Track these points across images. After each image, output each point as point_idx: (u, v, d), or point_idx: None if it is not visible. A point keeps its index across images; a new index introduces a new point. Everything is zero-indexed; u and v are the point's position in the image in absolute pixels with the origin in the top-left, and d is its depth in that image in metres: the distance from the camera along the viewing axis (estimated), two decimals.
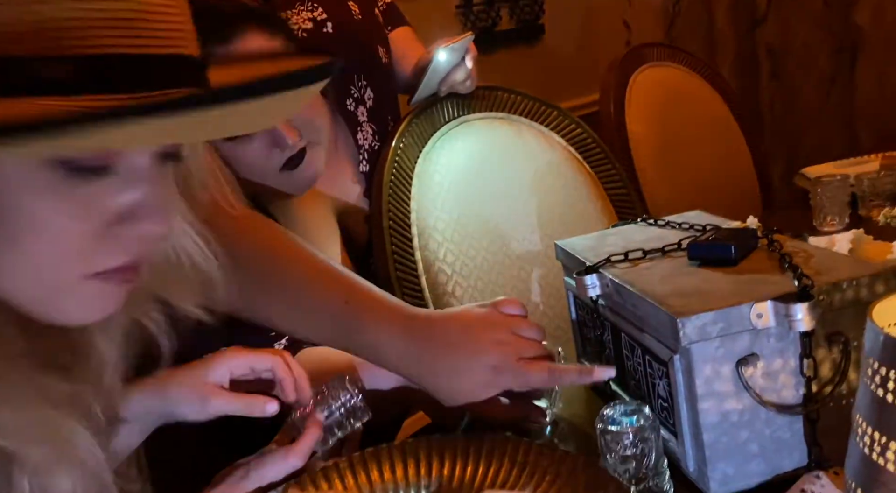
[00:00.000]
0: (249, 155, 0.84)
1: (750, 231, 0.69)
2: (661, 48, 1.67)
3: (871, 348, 0.43)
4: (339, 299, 0.69)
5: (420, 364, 0.67)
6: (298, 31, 1.02)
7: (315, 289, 0.70)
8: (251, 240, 0.74)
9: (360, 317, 0.68)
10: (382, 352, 0.68)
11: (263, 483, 0.62)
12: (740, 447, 0.58)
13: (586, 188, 1.24)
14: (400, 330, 0.67)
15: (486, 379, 0.67)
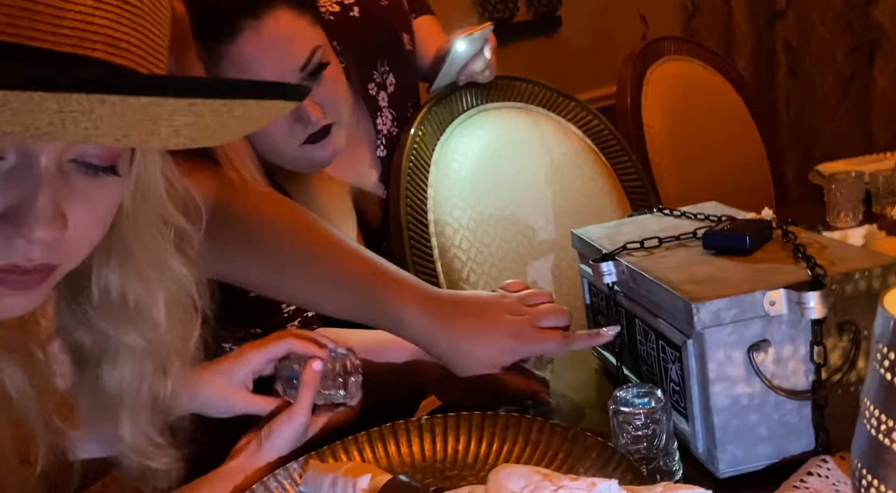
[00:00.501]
0: (273, 128, 0.86)
1: (765, 222, 0.71)
2: (679, 42, 1.67)
3: (882, 334, 0.45)
4: (365, 273, 0.72)
5: (443, 335, 0.70)
6: (326, 13, 1.03)
7: (341, 263, 0.73)
8: (274, 215, 0.77)
9: (386, 290, 0.70)
10: (407, 323, 0.70)
11: (278, 450, 0.64)
12: (749, 430, 0.60)
13: (602, 179, 1.25)
14: (424, 303, 0.70)
15: (508, 347, 0.70)
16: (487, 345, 0.70)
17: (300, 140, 0.88)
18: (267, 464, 0.64)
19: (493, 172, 1.18)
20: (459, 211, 1.14)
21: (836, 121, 2.37)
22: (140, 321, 0.50)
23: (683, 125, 1.57)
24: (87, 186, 0.43)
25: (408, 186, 1.10)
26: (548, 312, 0.72)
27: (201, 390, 0.65)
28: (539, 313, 0.72)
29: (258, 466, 0.63)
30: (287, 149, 0.88)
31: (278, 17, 0.81)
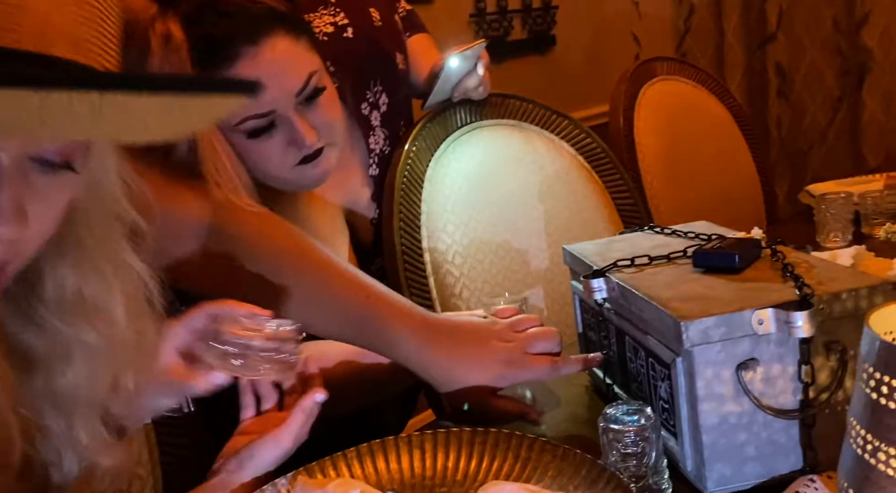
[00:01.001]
0: (267, 150, 0.87)
1: (754, 241, 0.71)
2: (671, 63, 1.69)
3: (868, 354, 0.45)
4: (360, 296, 0.73)
5: (435, 361, 0.71)
6: (320, 34, 1.04)
7: (336, 286, 0.73)
8: (270, 236, 0.77)
9: (380, 314, 0.71)
10: (400, 348, 0.71)
11: (259, 471, 0.62)
12: (738, 448, 0.60)
13: (594, 197, 1.26)
14: (417, 328, 0.71)
15: (498, 373, 0.70)
16: (478, 371, 0.71)
17: (294, 162, 0.88)
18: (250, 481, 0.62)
19: (487, 188, 1.18)
20: (453, 227, 1.14)
21: (826, 142, 2.40)
22: (97, 318, 0.49)
23: (675, 144, 1.59)
24: (46, 183, 0.43)
25: (401, 202, 1.10)
26: (538, 337, 0.73)
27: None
28: (529, 338, 0.73)
29: (239, 482, 0.62)
30: (281, 170, 0.89)
31: (275, 44, 0.82)
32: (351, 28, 1.07)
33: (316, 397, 0.62)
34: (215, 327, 0.61)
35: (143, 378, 0.54)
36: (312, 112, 0.87)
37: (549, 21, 2.43)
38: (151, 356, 0.55)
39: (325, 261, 0.76)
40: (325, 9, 1.07)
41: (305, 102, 0.87)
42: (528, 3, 2.37)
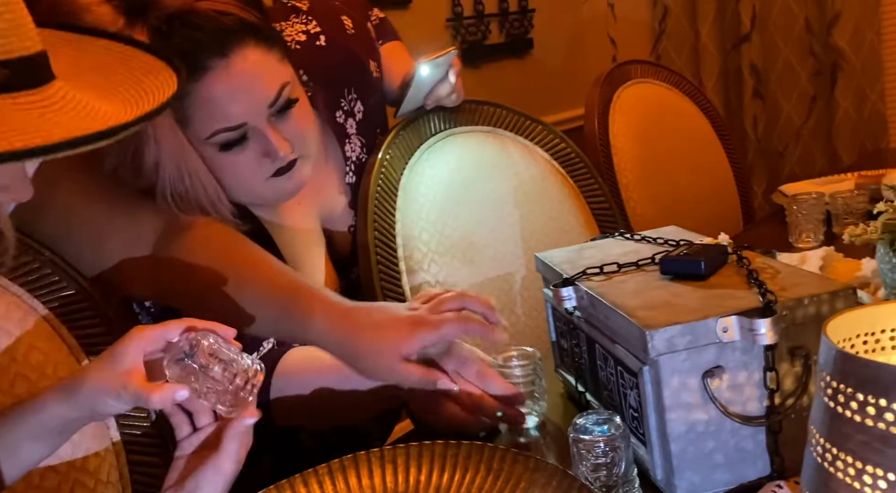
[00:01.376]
0: (240, 163, 0.86)
1: (720, 247, 0.72)
2: (645, 65, 1.70)
3: (825, 363, 0.45)
4: (279, 287, 0.76)
5: (347, 337, 0.74)
6: (292, 43, 1.04)
7: (265, 282, 0.77)
8: (206, 247, 0.79)
9: (298, 303, 0.75)
10: (313, 332, 0.75)
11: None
12: (706, 456, 0.60)
13: (569, 202, 1.26)
14: (329, 312, 0.75)
15: (406, 334, 0.72)
16: (388, 336, 0.73)
17: (267, 174, 0.88)
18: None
19: (461, 195, 1.18)
20: (428, 235, 1.14)
21: (801, 141, 2.42)
22: None
23: (651, 147, 1.59)
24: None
25: (376, 210, 1.10)
26: (448, 299, 0.75)
27: (84, 389, 0.57)
28: (439, 301, 0.75)
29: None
30: (254, 184, 0.88)
31: (246, 55, 0.81)
32: (323, 36, 1.07)
33: (246, 421, 0.60)
34: (187, 343, 0.59)
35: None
36: (285, 124, 0.87)
37: (527, 24, 2.44)
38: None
39: (254, 259, 0.79)
40: (297, 17, 1.07)
41: (278, 114, 0.86)
42: (505, 7, 2.38)
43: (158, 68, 0.53)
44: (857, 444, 0.42)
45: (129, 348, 0.58)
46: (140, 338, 0.58)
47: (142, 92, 0.50)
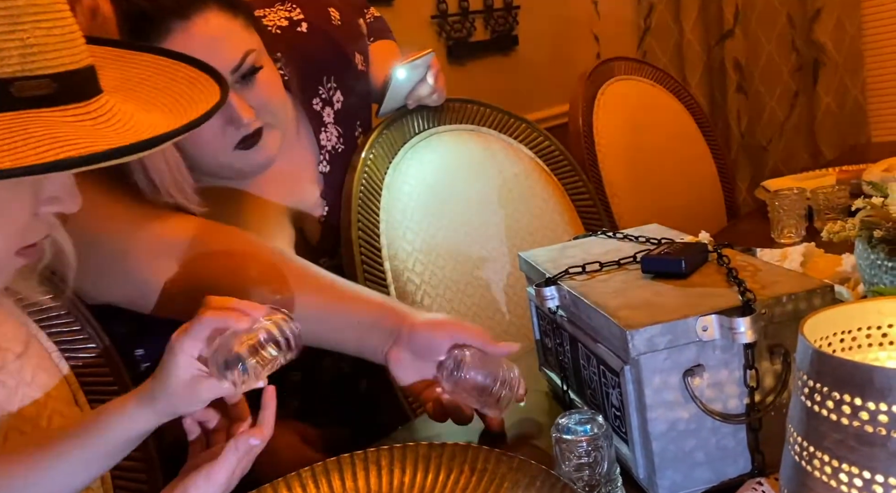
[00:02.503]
0: (202, 130, 0.85)
1: (701, 245, 0.72)
2: (629, 62, 1.70)
3: (802, 362, 0.46)
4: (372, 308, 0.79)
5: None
6: (273, 27, 1.03)
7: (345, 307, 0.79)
8: (241, 254, 0.80)
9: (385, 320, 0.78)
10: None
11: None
12: (687, 454, 0.60)
13: (554, 200, 1.26)
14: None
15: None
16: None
17: (232, 143, 0.87)
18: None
19: (446, 194, 1.18)
20: (412, 234, 1.13)
21: (784, 136, 2.44)
22: None
23: (635, 144, 1.60)
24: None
25: (360, 210, 1.09)
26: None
27: (157, 394, 0.59)
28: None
29: None
30: (219, 154, 0.87)
31: (208, 19, 0.81)
32: (306, 23, 1.06)
33: (250, 441, 0.60)
34: (218, 334, 0.59)
35: None
36: (249, 91, 0.87)
37: (512, 21, 2.44)
38: None
39: (323, 282, 0.81)
40: (282, 5, 1.06)
41: (242, 81, 0.86)
42: (490, 4, 2.38)
43: (201, 79, 0.56)
44: (833, 442, 0.43)
45: (179, 362, 0.58)
46: (182, 349, 0.59)
47: (184, 102, 0.53)
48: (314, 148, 1.07)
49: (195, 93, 0.54)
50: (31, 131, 0.43)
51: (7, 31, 0.42)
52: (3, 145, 0.42)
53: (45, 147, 0.42)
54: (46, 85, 0.44)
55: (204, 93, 0.54)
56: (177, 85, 0.55)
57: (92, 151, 0.43)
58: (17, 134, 0.42)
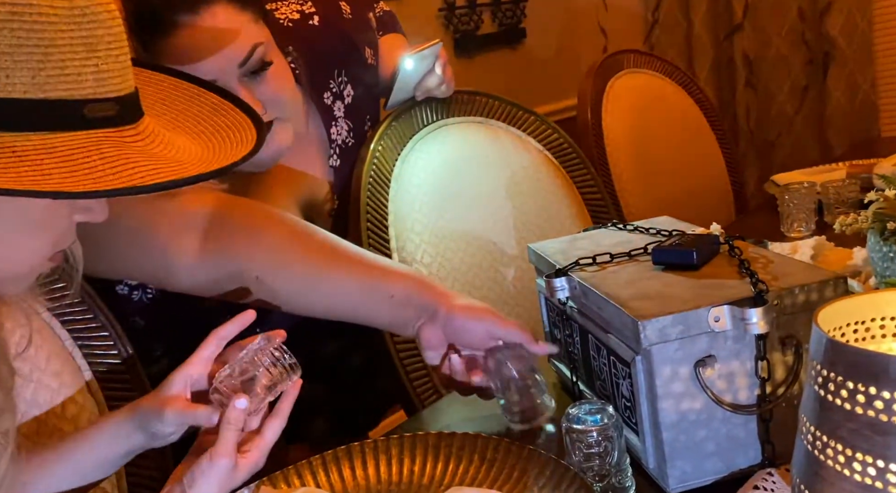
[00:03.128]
0: None
1: (712, 237, 0.72)
2: (638, 55, 1.70)
3: (815, 351, 0.46)
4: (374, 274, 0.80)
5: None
6: (285, 20, 1.03)
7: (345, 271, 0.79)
8: (266, 226, 0.80)
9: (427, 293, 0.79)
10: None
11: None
12: (698, 445, 0.60)
13: (562, 192, 1.26)
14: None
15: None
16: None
17: None
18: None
19: (454, 186, 1.18)
20: (421, 226, 1.13)
21: (793, 131, 2.43)
22: None
23: (644, 137, 1.59)
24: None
25: (368, 201, 1.09)
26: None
27: (138, 412, 0.62)
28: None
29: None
30: None
31: (216, 13, 0.82)
32: (317, 17, 1.06)
33: (237, 405, 0.60)
34: (224, 357, 0.63)
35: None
36: (258, 85, 0.87)
37: (519, 14, 2.43)
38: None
39: (325, 241, 0.81)
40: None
41: (251, 75, 0.86)
42: None
43: (225, 107, 0.59)
44: (847, 432, 0.43)
45: (175, 376, 0.62)
46: (186, 368, 0.63)
47: (211, 130, 0.56)
48: (324, 142, 1.07)
49: (220, 119, 0.57)
50: (104, 151, 0.46)
51: (84, 58, 0.46)
52: (85, 164, 0.45)
53: (119, 168, 0.46)
54: (111, 107, 0.47)
55: (227, 119, 0.58)
56: (198, 107, 0.58)
57: (166, 178, 0.47)
58: (94, 154, 0.46)
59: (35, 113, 0.44)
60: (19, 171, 0.43)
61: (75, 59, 0.45)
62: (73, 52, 0.45)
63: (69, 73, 0.45)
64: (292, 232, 0.81)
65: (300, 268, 0.79)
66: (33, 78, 0.44)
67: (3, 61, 0.43)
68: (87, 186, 0.44)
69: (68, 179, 0.44)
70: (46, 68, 0.44)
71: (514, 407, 0.74)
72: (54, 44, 0.44)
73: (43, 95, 0.44)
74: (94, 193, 0.45)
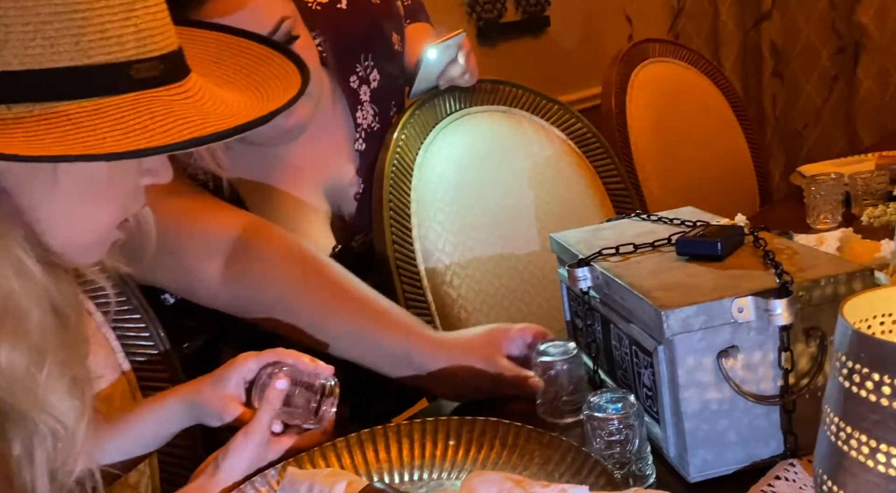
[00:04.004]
0: None
1: (737, 228, 0.72)
2: (663, 44, 1.68)
3: (841, 343, 0.46)
4: (397, 335, 0.83)
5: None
6: (313, 3, 1.04)
7: (372, 324, 0.83)
8: (291, 264, 0.83)
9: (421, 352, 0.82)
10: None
11: (236, 470, 0.63)
12: (719, 434, 0.60)
13: (585, 182, 1.26)
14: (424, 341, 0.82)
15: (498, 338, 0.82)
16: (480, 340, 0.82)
17: None
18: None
19: (477, 175, 1.18)
20: (443, 215, 1.14)
21: (821, 121, 2.39)
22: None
23: (668, 127, 1.58)
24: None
25: (391, 189, 1.10)
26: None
27: (198, 401, 0.66)
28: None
29: (217, 487, 0.62)
30: None
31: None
32: (345, 1, 1.07)
33: (277, 386, 0.64)
34: (277, 369, 0.67)
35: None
36: None
37: (543, 2, 2.41)
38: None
39: (338, 279, 0.84)
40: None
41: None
42: None
43: (272, 56, 0.58)
44: (871, 423, 0.43)
45: (232, 376, 0.66)
46: (241, 368, 0.67)
47: (256, 78, 0.56)
48: (350, 125, 1.08)
49: (265, 69, 0.57)
50: (154, 110, 0.46)
51: (123, 19, 0.46)
52: (136, 125, 0.45)
53: (170, 125, 0.46)
54: (156, 66, 0.47)
55: (273, 68, 0.57)
56: (245, 60, 0.57)
57: (220, 128, 0.47)
58: (144, 114, 0.46)
59: (83, 80, 0.45)
60: (76, 137, 0.44)
61: (114, 20, 0.45)
62: (112, 13, 0.45)
63: (110, 36, 0.45)
64: (304, 270, 0.83)
65: (307, 309, 0.82)
66: (77, 44, 0.44)
67: (46, 31, 0.43)
68: (142, 144, 0.44)
69: (122, 140, 0.44)
70: (87, 33, 0.44)
71: (551, 402, 0.75)
72: (91, 7, 0.44)
73: (89, 61, 0.45)
74: (147, 150, 0.44)
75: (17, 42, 0.43)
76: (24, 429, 0.49)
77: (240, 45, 0.59)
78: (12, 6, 0.43)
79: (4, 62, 0.43)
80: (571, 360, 0.74)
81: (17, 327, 0.47)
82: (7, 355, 0.47)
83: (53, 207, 0.48)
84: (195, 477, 0.64)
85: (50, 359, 0.48)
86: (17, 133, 0.44)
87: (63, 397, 0.49)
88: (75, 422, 0.50)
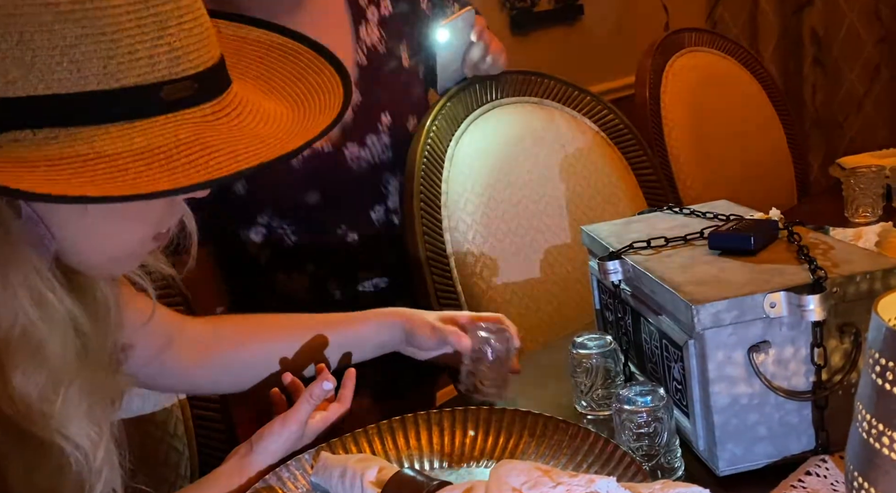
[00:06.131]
0: None
1: (771, 222, 0.71)
2: (700, 33, 1.65)
3: (874, 340, 0.45)
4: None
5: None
6: None
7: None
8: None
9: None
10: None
11: (269, 455, 0.65)
12: (749, 429, 0.60)
13: (617, 174, 1.25)
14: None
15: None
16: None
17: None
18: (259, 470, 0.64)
19: (507, 167, 1.18)
20: (473, 207, 1.15)
21: (863, 111, 2.32)
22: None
23: (703, 118, 1.56)
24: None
25: (422, 181, 1.11)
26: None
27: (416, 322, 0.76)
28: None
29: (249, 470, 0.64)
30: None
31: None
32: None
33: (323, 385, 0.65)
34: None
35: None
36: None
37: None
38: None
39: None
40: None
41: None
42: None
43: (316, 63, 0.55)
44: None
45: (461, 317, 0.79)
46: (464, 316, 0.79)
47: (303, 93, 0.53)
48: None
49: (313, 79, 0.54)
50: (181, 138, 0.44)
51: (156, 37, 0.43)
52: (161, 154, 0.43)
53: (195, 156, 0.43)
54: (189, 86, 0.44)
55: (320, 79, 0.54)
56: (293, 66, 0.55)
57: (242, 166, 0.44)
58: (170, 141, 0.43)
59: (110, 104, 0.42)
60: (96, 169, 0.42)
61: (145, 41, 0.42)
62: (143, 34, 0.42)
63: (140, 57, 0.42)
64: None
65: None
66: (105, 67, 0.42)
67: (73, 54, 0.41)
68: (162, 183, 0.42)
69: (144, 173, 0.42)
70: (117, 55, 0.42)
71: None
72: (122, 29, 0.42)
73: (117, 85, 0.42)
74: (161, 193, 0.42)
75: (42, 65, 0.41)
76: (48, 456, 0.49)
77: (289, 48, 0.56)
78: (38, 29, 0.41)
79: (31, 86, 0.41)
80: (608, 353, 0.74)
81: (35, 356, 0.46)
82: (23, 384, 0.46)
83: (84, 229, 0.47)
84: (227, 460, 0.66)
85: (68, 386, 0.47)
86: (39, 166, 0.41)
87: (81, 423, 0.48)
88: (93, 447, 0.49)
